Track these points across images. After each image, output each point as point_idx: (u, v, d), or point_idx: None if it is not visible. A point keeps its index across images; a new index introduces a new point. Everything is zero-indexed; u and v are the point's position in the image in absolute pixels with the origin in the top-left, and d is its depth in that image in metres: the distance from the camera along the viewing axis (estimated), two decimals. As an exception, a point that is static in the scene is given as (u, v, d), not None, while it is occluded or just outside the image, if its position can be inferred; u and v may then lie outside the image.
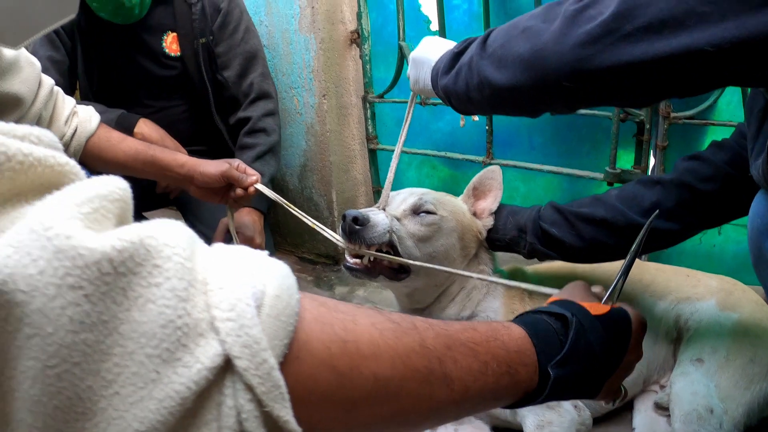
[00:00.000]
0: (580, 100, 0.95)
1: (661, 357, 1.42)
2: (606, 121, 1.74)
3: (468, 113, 1.18)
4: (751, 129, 0.97)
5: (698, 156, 1.27)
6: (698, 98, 1.66)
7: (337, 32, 2.28)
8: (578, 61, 0.84)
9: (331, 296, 2.22)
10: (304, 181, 2.49)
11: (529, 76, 0.93)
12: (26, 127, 0.45)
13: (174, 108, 2.21)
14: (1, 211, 0.42)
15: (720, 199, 1.24)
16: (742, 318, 1.35)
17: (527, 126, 2.09)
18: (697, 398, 1.25)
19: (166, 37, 2.09)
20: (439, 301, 1.44)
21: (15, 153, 0.42)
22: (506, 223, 1.44)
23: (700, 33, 0.73)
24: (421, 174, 2.45)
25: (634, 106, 0.96)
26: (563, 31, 0.86)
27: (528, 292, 1.45)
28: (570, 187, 2.06)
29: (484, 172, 1.49)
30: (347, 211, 1.31)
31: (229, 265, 0.48)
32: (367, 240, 1.29)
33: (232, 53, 2.13)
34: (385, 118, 2.39)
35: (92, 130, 1.56)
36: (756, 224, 0.95)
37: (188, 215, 2.22)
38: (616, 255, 1.36)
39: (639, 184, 1.32)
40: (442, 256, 1.37)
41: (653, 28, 0.77)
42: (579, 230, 1.33)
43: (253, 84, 2.14)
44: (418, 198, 1.39)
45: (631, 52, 0.79)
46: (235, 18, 2.13)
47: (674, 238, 1.30)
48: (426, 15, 2.19)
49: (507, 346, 0.70)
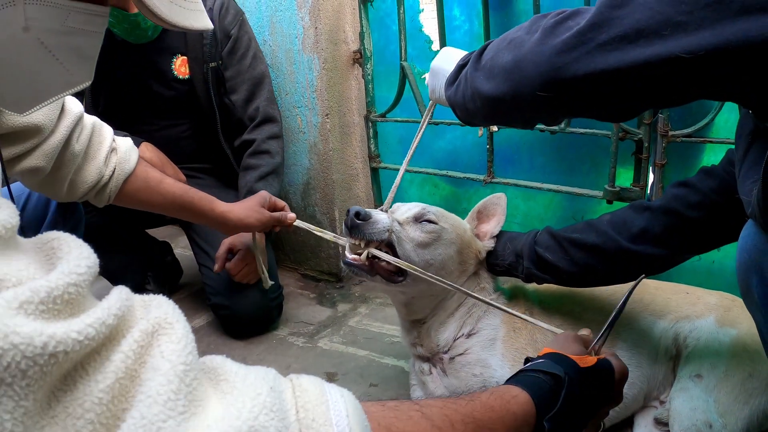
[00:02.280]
0: (560, 111, 0.95)
1: (661, 373, 1.43)
2: (605, 140, 1.76)
3: (472, 124, 1.21)
4: (739, 151, 0.98)
5: (686, 183, 1.29)
6: (696, 116, 1.68)
7: (340, 52, 2.32)
8: (553, 69, 0.85)
9: (333, 313, 2.23)
10: (306, 199, 2.51)
11: (509, 86, 0.94)
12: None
13: (178, 127, 2.25)
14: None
15: (707, 226, 1.25)
16: (741, 334, 1.36)
17: (528, 145, 2.11)
18: (697, 413, 1.26)
19: (175, 60, 2.14)
20: (437, 315, 1.46)
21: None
22: (505, 248, 1.47)
23: (675, 42, 0.73)
24: (423, 192, 2.46)
25: (614, 118, 0.95)
26: (542, 41, 0.88)
27: (529, 310, 1.47)
28: (570, 205, 2.08)
29: (490, 198, 1.53)
30: (351, 207, 1.36)
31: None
32: (367, 235, 1.34)
33: (239, 78, 2.19)
34: (387, 137, 2.42)
35: (131, 170, 1.52)
36: (743, 259, 0.94)
37: (191, 232, 2.24)
38: (608, 280, 1.40)
39: (630, 209, 1.34)
40: (439, 265, 1.40)
41: (629, 37, 0.77)
42: (572, 255, 1.36)
43: (259, 108, 2.20)
44: (422, 208, 1.44)
45: (605, 61, 0.80)
46: (244, 44, 2.19)
47: (663, 264, 1.32)
48: (428, 35, 2.23)
49: (517, 416, 0.82)
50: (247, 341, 2.06)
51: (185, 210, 1.65)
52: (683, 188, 1.28)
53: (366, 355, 1.93)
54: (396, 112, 2.25)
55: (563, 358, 0.96)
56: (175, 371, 0.51)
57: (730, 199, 1.20)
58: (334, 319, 2.20)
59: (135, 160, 1.53)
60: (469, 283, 1.48)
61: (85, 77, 0.90)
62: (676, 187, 1.30)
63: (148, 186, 1.56)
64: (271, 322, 2.15)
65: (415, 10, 2.23)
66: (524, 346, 1.39)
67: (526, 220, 2.20)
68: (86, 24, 0.82)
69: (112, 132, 1.52)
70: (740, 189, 0.95)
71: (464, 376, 1.39)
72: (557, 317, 1.46)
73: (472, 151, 2.21)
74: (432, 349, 1.47)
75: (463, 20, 2.12)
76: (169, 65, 2.14)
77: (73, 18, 0.80)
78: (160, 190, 1.59)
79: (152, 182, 1.58)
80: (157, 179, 1.59)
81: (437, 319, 1.46)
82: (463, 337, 1.44)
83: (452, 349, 1.44)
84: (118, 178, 1.49)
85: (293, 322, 2.19)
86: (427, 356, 1.49)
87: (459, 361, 1.42)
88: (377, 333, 2.07)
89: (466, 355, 1.42)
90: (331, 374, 1.82)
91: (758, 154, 0.90)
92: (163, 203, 1.60)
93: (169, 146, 2.14)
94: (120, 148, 1.51)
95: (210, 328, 2.19)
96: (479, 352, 1.40)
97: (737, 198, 0.99)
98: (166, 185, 1.61)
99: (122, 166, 1.50)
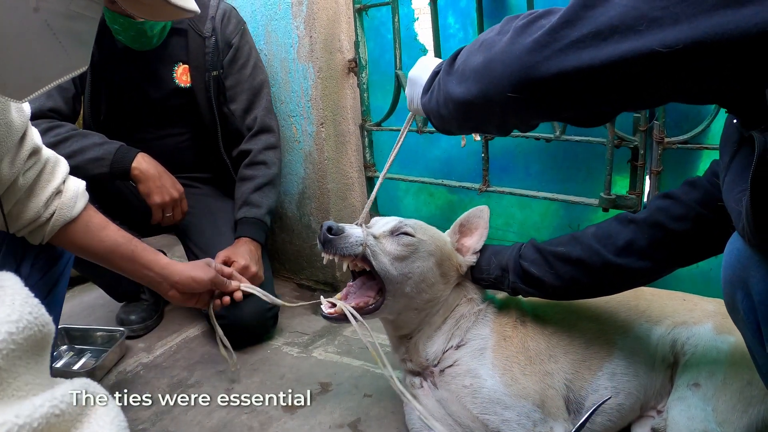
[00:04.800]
0: (531, 113, 0.92)
1: (658, 382, 1.41)
2: (601, 148, 1.75)
3: (447, 132, 1.17)
4: (724, 159, 0.96)
5: (670, 195, 1.28)
6: (692, 123, 1.67)
7: (335, 61, 2.31)
8: (524, 69, 0.82)
9: (328, 323, 2.21)
10: (302, 208, 2.50)
11: (479, 88, 0.91)
12: None
13: (178, 136, 2.25)
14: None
15: (692, 239, 1.24)
16: (739, 341, 1.34)
17: (523, 153, 2.10)
18: (695, 423, 1.24)
19: (177, 68, 2.14)
20: (423, 329, 1.45)
21: None
22: (490, 263, 1.47)
23: (651, 36, 0.70)
24: (419, 201, 2.45)
25: (586, 122, 0.91)
26: (512, 40, 0.85)
27: (521, 318, 1.46)
28: (566, 213, 2.07)
29: (473, 211, 1.52)
30: (325, 221, 1.36)
31: None
32: (339, 249, 1.34)
33: (239, 87, 2.19)
34: (382, 145, 2.41)
35: (71, 217, 1.44)
36: (728, 274, 0.93)
37: (187, 242, 2.23)
38: (594, 293, 1.39)
39: (615, 222, 1.34)
40: (418, 278, 1.40)
41: (602, 33, 0.74)
42: (557, 269, 1.35)
43: (257, 118, 2.20)
44: (399, 221, 1.44)
45: (578, 58, 0.77)
46: (245, 54, 2.20)
47: (648, 276, 1.31)
48: (422, 44, 2.22)
49: None
50: (242, 351, 2.04)
51: (126, 259, 1.54)
52: (667, 200, 1.28)
53: (360, 366, 1.91)
54: (391, 121, 2.24)
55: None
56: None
57: (714, 211, 1.19)
58: (328, 329, 2.18)
59: (79, 209, 1.46)
60: (455, 294, 1.47)
61: (81, 62, 0.94)
62: (660, 199, 1.30)
63: (88, 231, 1.48)
64: (266, 332, 2.13)
65: (410, 18, 2.22)
66: (515, 354, 1.37)
67: (522, 229, 2.18)
68: (86, 9, 0.88)
69: (65, 173, 1.45)
70: (726, 197, 0.93)
71: (455, 387, 1.38)
72: (550, 326, 1.44)
73: (467, 160, 2.20)
74: (421, 364, 1.45)
75: (458, 28, 2.11)
76: (171, 73, 2.14)
77: (76, 2, 0.86)
78: (101, 236, 1.50)
79: (93, 228, 1.49)
80: (99, 225, 1.51)
81: (424, 333, 1.45)
82: (452, 349, 1.43)
83: (442, 362, 1.43)
84: (55, 222, 1.41)
85: (288, 332, 2.18)
86: (418, 371, 1.47)
87: (449, 373, 1.40)
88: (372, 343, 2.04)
89: (455, 367, 1.40)
90: (325, 384, 1.80)
91: (744, 163, 0.88)
92: (102, 251, 1.50)
93: (169, 155, 2.13)
94: (67, 193, 1.43)
95: (204, 338, 2.18)
96: (469, 362, 1.39)
97: (722, 210, 0.97)
98: (110, 231, 1.52)
99: (63, 212, 1.42)
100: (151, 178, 1.99)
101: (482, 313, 1.47)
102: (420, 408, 1.37)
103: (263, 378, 1.87)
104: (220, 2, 2.19)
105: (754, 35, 0.64)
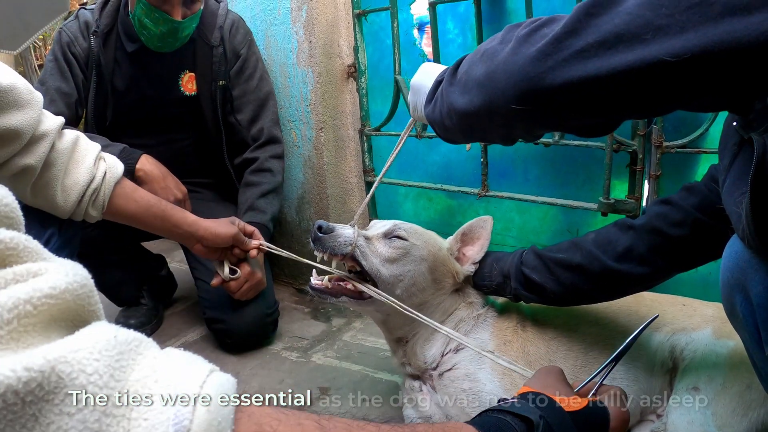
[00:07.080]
0: (536, 124, 0.91)
1: (657, 387, 1.40)
2: (599, 152, 1.75)
3: (452, 141, 1.16)
4: (724, 162, 0.95)
5: (668, 200, 1.28)
6: (690, 127, 1.68)
7: (335, 66, 2.32)
8: (527, 80, 0.80)
9: (328, 328, 2.21)
10: (301, 213, 2.50)
11: (482, 99, 0.90)
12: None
13: (181, 141, 2.26)
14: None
15: (690, 244, 1.24)
16: (739, 345, 1.34)
17: (522, 158, 2.10)
18: (694, 427, 1.24)
19: (183, 76, 2.15)
20: (419, 332, 1.45)
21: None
22: (492, 269, 1.47)
23: (658, 45, 0.69)
24: (418, 206, 2.45)
25: (592, 132, 0.89)
26: (515, 50, 0.83)
27: (521, 323, 1.46)
28: (565, 218, 2.07)
29: (477, 220, 1.53)
30: (317, 220, 1.40)
31: (162, 387, 0.47)
32: (329, 248, 1.38)
33: (246, 98, 2.20)
34: (381, 151, 2.41)
35: (119, 175, 1.56)
36: (726, 278, 0.92)
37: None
38: (594, 299, 1.40)
39: (615, 228, 1.34)
40: (410, 281, 1.40)
41: (608, 42, 0.73)
42: (558, 276, 1.36)
43: (263, 129, 2.22)
44: (393, 225, 1.46)
45: (584, 68, 0.75)
46: (252, 65, 2.21)
47: (647, 282, 1.32)
48: (422, 49, 2.23)
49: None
50: (241, 356, 2.04)
51: (159, 218, 1.67)
52: (665, 206, 1.28)
53: (360, 370, 1.91)
54: (390, 126, 2.24)
55: (544, 398, 0.82)
56: None
57: (712, 216, 1.19)
58: (328, 334, 2.18)
59: (122, 169, 1.58)
60: (454, 298, 1.47)
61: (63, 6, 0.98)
62: (658, 204, 1.30)
63: (125, 193, 1.59)
64: (266, 337, 2.13)
65: (410, 24, 2.23)
66: (515, 358, 1.37)
67: (522, 234, 2.18)
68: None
69: (99, 147, 1.55)
70: (726, 200, 0.93)
71: (453, 391, 1.38)
72: (550, 330, 1.44)
73: (466, 165, 2.20)
74: (420, 367, 1.45)
75: (457, 33, 2.12)
76: (177, 81, 2.15)
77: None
78: (135, 197, 1.62)
79: (129, 190, 1.61)
80: (132, 187, 1.64)
81: (420, 336, 1.45)
82: (451, 353, 1.43)
83: (441, 365, 1.43)
84: (109, 181, 1.53)
85: (287, 337, 2.17)
86: (417, 374, 1.47)
87: (448, 377, 1.40)
88: (371, 348, 2.05)
89: (454, 370, 1.40)
90: (325, 389, 1.80)
91: (744, 166, 0.87)
92: (137, 211, 1.62)
93: (172, 160, 2.13)
94: (108, 157, 1.55)
95: (203, 342, 2.17)
96: (468, 366, 1.38)
97: (720, 214, 0.97)
98: (141, 192, 1.65)
99: (112, 171, 1.54)
100: (156, 179, 1.99)
101: (482, 318, 1.47)
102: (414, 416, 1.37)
103: (262, 382, 1.86)
104: (229, 12, 2.19)
105: (762, 43, 0.64)
